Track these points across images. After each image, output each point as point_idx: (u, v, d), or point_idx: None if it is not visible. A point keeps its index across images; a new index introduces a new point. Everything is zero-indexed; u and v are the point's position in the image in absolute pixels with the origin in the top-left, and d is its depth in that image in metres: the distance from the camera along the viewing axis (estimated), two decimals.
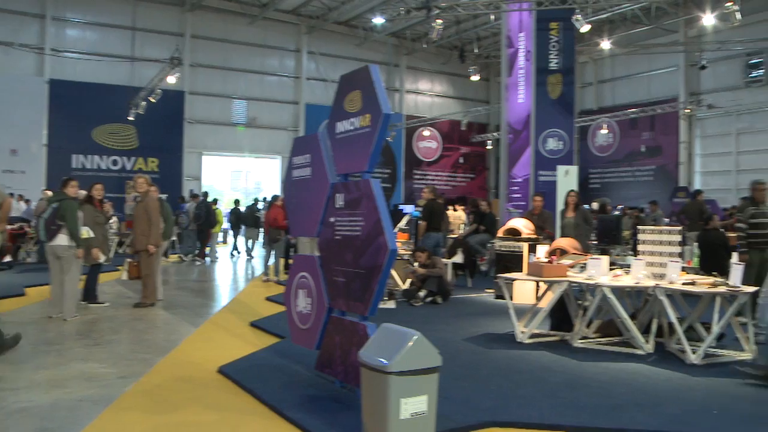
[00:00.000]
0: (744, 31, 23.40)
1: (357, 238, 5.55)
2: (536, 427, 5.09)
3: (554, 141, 18.09)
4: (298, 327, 6.57)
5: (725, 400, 5.80)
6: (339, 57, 30.11)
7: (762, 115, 25.44)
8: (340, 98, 6.08)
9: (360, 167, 5.66)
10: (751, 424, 5.12)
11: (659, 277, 7.76)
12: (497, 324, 9.34)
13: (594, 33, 26.03)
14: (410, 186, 32.34)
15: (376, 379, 4.34)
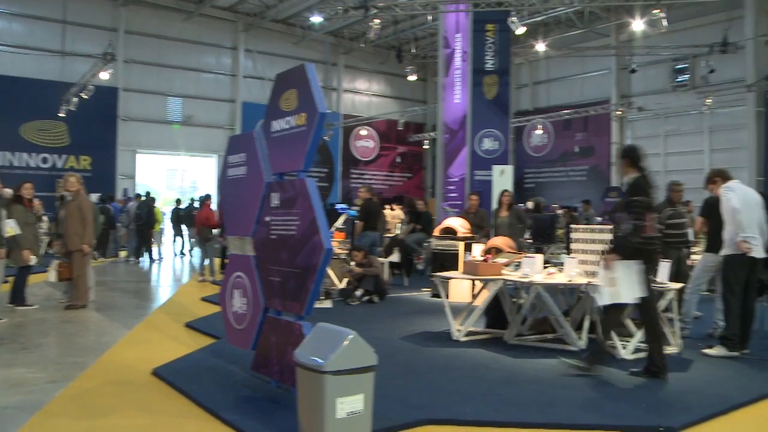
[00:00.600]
0: (671, 38, 24.12)
1: (292, 237, 5.52)
2: (472, 424, 5.15)
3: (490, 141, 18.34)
4: (233, 327, 6.51)
5: (652, 393, 5.97)
6: (276, 55, 29.87)
7: (688, 118, 26.26)
8: (275, 97, 6.04)
9: (295, 166, 5.63)
10: (676, 414, 5.28)
11: (591, 274, 7.93)
12: (433, 322, 9.42)
13: (529, 35, 26.44)
14: (347, 185, 32.32)
15: (312, 379, 4.32)
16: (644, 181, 6.49)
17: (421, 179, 35.78)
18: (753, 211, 7.56)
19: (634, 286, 6.37)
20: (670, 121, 26.96)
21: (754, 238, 7.45)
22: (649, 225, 6.33)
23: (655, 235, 6.53)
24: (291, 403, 4.96)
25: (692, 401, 5.74)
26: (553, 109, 29.72)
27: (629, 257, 6.38)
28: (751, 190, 7.89)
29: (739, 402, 5.76)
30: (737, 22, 23.66)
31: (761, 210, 7.69)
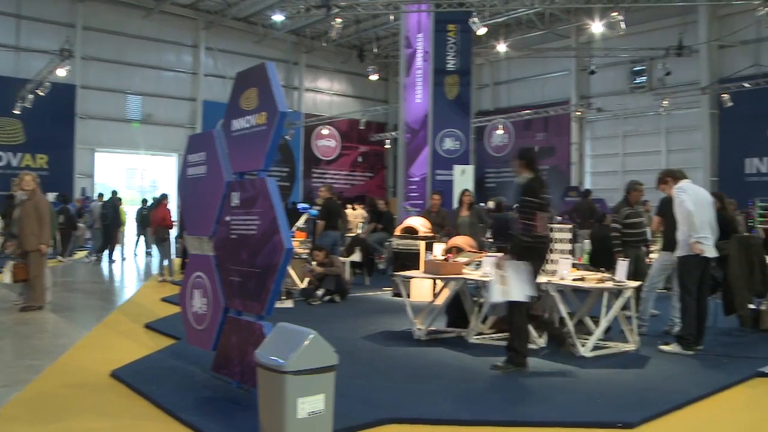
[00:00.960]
0: (628, 40, 24.49)
1: (253, 237, 5.50)
2: (433, 423, 5.18)
3: (451, 141, 18.43)
4: (193, 328, 6.45)
5: (611, 390, 6.07)
6: (238, 54, 29.62)
7: (645, 119, 26.68)
8: (236, 96, 6.01)
9: (256, 165, 5.61)
10: (634, 410, 5.37)
11: (551, 273, 8.02)
12: (395, 321, 9.44)
13: (490, 36, 26.61)
14: (309, 184, 32.20)
15: (273, 379, 4.31)
16: (537, 182, 6.75)
17: (382, 179, 35.81)
18: (705, 211, 7.72)
19: (523, 284, 6.55)
20: (629, 121, 27.37)
21: (706, 238, 7.62)
22: (539, 225, 6.55)
23: (546, 234, 6.74)
24: (252, 404, 4.94)
25: (649, 397, 5.84)
26: (513, 109, 29.95)
27: (523, 257, 6.59)
28: (702, 190, 8.05)
29: (695, 396, 5.88)
30: (692, 27, 24.15)
31: (712, 209, 7.87)
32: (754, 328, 9.13)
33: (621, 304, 7.55)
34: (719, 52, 24.31)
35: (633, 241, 9.49)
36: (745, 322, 9.16)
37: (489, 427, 5.12)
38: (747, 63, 23.07)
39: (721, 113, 23.97)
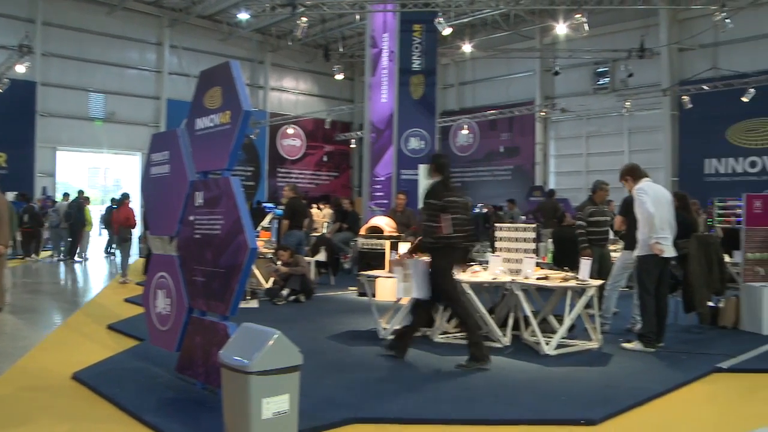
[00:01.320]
0: (592, 42, 24.82)
1: (217, 236, 5.47)
2: (398, 422, 5.19)
3: (416, 140, 18.48)
4: (157, 328, 6.40)
5: (574, 388, 6.14)
6: (202, 52, 29.36)
7: (608, 120, 27.02)
8: (200, 94, 5.97)
9: (220, 165, 5.58)
10: (596, 407, 5.44)
11: (515, 272, 8.09)
12: (360, 321, 9.44)
13: (456, 36, 26.74)
14: (274, 184, 32.04)
15: (237, 380, 4.29)
16: (442, 185, 7.05)
17: (347, 178, 35.78)
18: (664, 211, 7.85)
19: (423, 283, 6.93)
20: (592, 122, 27.70)
21: (665, 238, 7.75)
22: (443, 226, 6.82)
23: (452, 234, 6.90)
24: (216, 405, 4.90)
25: (612, 394, 5.92)
26: (478, 109, 30.11)
27: (431, 256, 6.97)
28: (662, 189, 8.15)
29: (655, 393, 5.99)
30: (653, 30, 24.53)
31: (671, 207, 8.00)
32: (713, 324, 9.33)
33: (584, 303, 7.65)
34: (679, 55, 24.74)
35: (597, 239, 9.61)
36: (704, 319, 9.37)
37: (454, 426, 5.15)
38: (706, 66, 23.53)
39: (681, 115, 24.39)
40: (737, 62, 22.80)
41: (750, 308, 9.19)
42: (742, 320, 9.24)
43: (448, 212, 6.88)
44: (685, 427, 5.38)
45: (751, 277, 9.43)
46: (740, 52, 23.08)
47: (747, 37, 22.53)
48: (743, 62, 22.66)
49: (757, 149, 22.96)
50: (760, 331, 8.91)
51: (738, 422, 5.44)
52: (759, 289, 9.13)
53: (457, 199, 7.04)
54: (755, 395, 6.41)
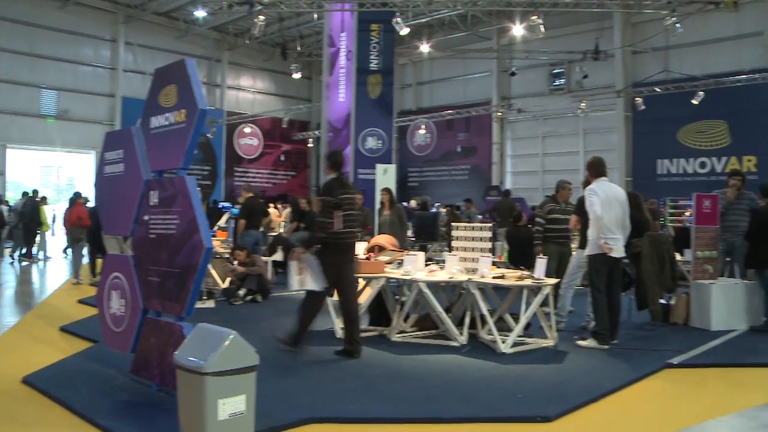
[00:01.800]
0: (548, 43, 25.08)
1: (172, 236, 5.41)
2: (356, 421, 5.20)
3: (373, 140, 18.51)
4: (111, 330, 6.31)
5: (530, 385, 6.22)
6: (158, 49, 28.95)
7: (564, 120, 27.37)
8: (154, 92, 5.91)
9: (175, 164, 5.52)
10: (552, 403, 5.52)
11: (472, 271, 8.16)
12: (317, 321, 9.39)
13: (414, 36, 26.83)
14: (231, 183, 31.80)
15: (192, 381, 4.26)
16: (337, 182, 7.29)
17: (305, 178, 35.65)
18: (615, 211, 7.99)
19: (317, 276, 7.13)
20: (548, 122, 28.02)
21: (614, 238, 7.90)
22: (335, 222, 7.08)
23: (342, 230, 7.16)
24: (172, 407, 4.85)
25: (567, 390, 6.01)
26: (436, 109, 30.25)
27: (322, 251, 7.19)
28: (616, 189, 8.26)
29: (609, 389, 6.11)
30: (608, 32, 24.91)
31: (623, 208, 8.13)
32: (665, 321, 9.53)
33: (540, 301, 7.74)
34: (632, 58, 25.17)
35: (556, 237, 9.73)
36: (656, 317, 9.55)
37: (411, 425, 5.18)
38: (658, 69, 24.01)
39: (634, 116, 24.82)
40: (687, 65, 23.32)
41: (699, 305, 9.41)
42: (692, 317, 9.46)
43: (341, 209, 7.13)
44: (637, 422, 5.49)
45: (700, 275, 9.65)
46: (690, 55, 23.60)
47: (696, 41, 23.06)
48: (693, 66, 23.18)
49: (706, 150, 23.48)
50: (709, 327, 9.13)
51: (687, 416, 5.57)
52: (708, 286, 9.35)
53: (350, 196, 7.30)
54: (704, 389, 6.58)
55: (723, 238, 9.94)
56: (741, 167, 21.55)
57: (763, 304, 9.23)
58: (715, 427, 5.37)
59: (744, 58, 22.41)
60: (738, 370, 7.27)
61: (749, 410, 5.71)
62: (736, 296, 9.39)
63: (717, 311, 9.22)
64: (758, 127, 21.94)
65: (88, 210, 14.31)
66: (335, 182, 7.31)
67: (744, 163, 22.30)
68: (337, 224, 7.08)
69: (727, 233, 9.92)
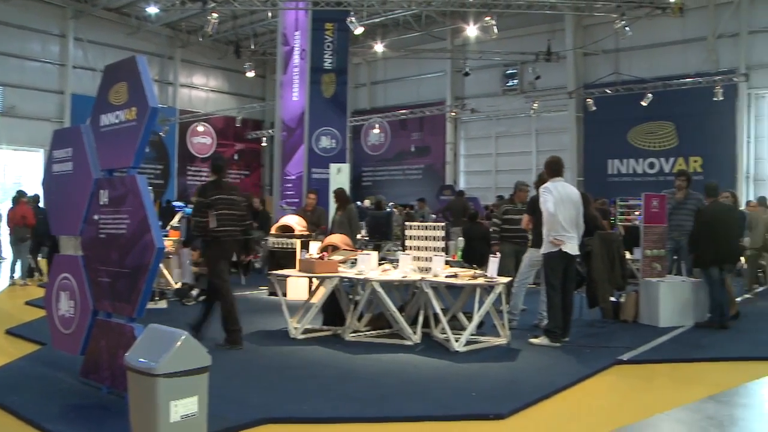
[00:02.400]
0: (501, 44, 25.33)
1: (122, 236, 5.34)
2: (309, 421, 5.20)
3: (327, 139, 18.48)
4: (60, 332, 6.19)
5: (483, 383, 6.28)
6: (109, 46, 28.38)
7: (517, 121, 27.65)
8: (104, 90, 5.82)
9: (125, 162, 5.45)
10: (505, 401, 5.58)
11: (425, 270, 8.20)
12: (271, 321, 9.38)
13: (368, 36, 26.82)
14: (184, 182, 31.39)
15: (144, 383, 4.20)
16: (212, 185, 7.88)
17: (258, 177, 35.38)
18: (568, 209, 8.11)
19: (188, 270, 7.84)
20: (501, 123, 28.27)
21: (566, 236, 8.02)
22: (210, 220, 7.59)
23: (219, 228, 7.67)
24: (123, 410, 4.78)
25: (519, 388, 6.09)
26: (390, 108, 30.29)
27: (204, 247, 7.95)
28: (569, 189, 8.38)
29: (561, 386, 6.20)
30: (559, 34, 25.24)
31: (577, 208, 8.25)
32: (615, 319, 9.71)
33: (492, 300, 7.81)
34: (584, 59, 25.57)
35: (512, 237, 9.82)
36: (607, 314, 9.72)
37: (364, 424, 5.19)
38: (608, 70, 24.42)
39: (585, 117, 25.20)
40: (636, 68, 23.78)
41: (648, 302, 9.61)
42: (641, 314, 9.67)
43: (214, 209, 7.58)
44: (588, 417, 5.58)
45: (649, 273, 9.86)
46: (639, 58, 24.06)
47: (645, 45, 23.52)
48: (642, 68, 23.65)
49: (655, 151, 23.97)
50: (658, 323, 9.34)
51: (636, 410, 5.69)
52: (656, 284, 9.56)
53: (225, 197, 7.70)
54: (652, 384, 6.75)
55: (670, 237, 10.17)
56: (688, 168, 22.02)
57: (708, 300, 9.47)
58: (662, 420, 5.49)
59: (690, 62, 22.98)
60: (684, 365, 7.47)
61: (694, 403, 5.87)
62: (683, 294, 9.62)
63: (665, 308, 9.43)
64: (703, 128, 22.52)
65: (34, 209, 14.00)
66: (210, 185, 7.85)
67: (690, 163, 22.82)
68: (212, 223, 7.57)
69: (674, 232, 10.15)
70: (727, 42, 22.52)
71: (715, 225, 9.39)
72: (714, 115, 22.13)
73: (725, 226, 9.47)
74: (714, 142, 22.41)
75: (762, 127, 22.31)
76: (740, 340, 8.68)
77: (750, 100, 22.17)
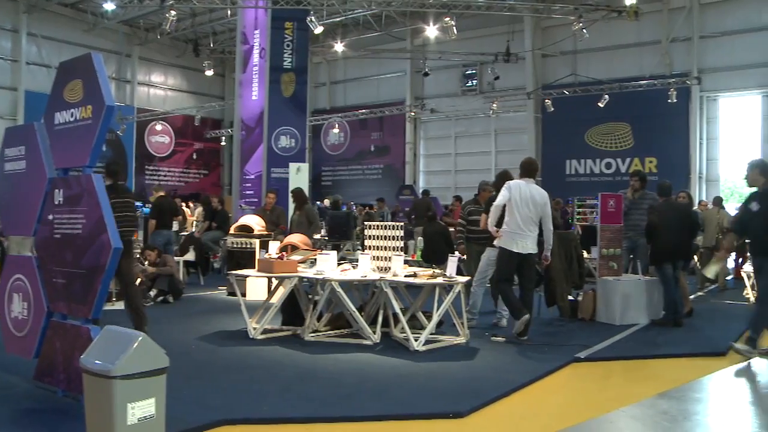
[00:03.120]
0: (460, 45, 25.47)
1: (78, 236, 5.25)
2: (269, 422, 5.17)
3: (287, 139, 18.40)
4: (13, 334, 6.06)
5: (442, 382, 6.31)
6: (65, 42, 27.84)
7: (476, 121, 27.86)
8: (59, 87, 5.71)
9: (81, 161, 5.36)
10: (464, 399, 5.61)
11: (384, 270, 8.21)
12: (230, 321, 9.32)
13: (328, 35, 26.79)
14: (142, 181, 30.99)
15: (100, 385, 4.14)
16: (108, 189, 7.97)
17: (218, 176, 35.08)
18: (527, 208, 8.21)
19: None
20: (460, 123, 28.44)
21: (521, 234, 8.14)
22: None
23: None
24: (79, 413, 4.68)
25: (478, 386, 6.13)
26: (349, 108, 30.30)
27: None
28: (535, 189, 8.46)
29: (519, 384, 6.26)
30: (518, 35, 25.48)
31: (539, 208, 8.34)
32: (573, 317, 9.84)
33: (452, 299, 7.86)
34: (542, 61, 25.88)
35: (477, 237, 9.89)
36: (565, 312, 9.86)
37: (324, 424, 5.18)
38: (566, 72, 24.75)
39: (544, 117, 25.52)
40: (594, 70, 24.13)
41: (605, 301, 9.76)
42: (599, 312, 9.81)
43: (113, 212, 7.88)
44: (546, 414, 5.65)
45: (605, 272, 10.01)
46: (596, 60, 24.45)
47: (602, 47, 23.95)
48: (599, 70, 24.00)
49: (611, 151, 24.37)
50: (614, 321, 9.49)
51: (593, 407, 5.77)
52: (613, 282, 9.72)
53: (120, 200, 7.92)
54: (608, 381, 6.88)
55: (626, 237, 10.33)
56: (643, 168, 22.44)
57: (663, 298, 9.66)
58: (617, 416, 5.58)
59: (645, 65, 23.47)
60: (639, 362, 7.62)
61: (649, 399, 5.98)
62: (639, 292, 9.79)
63: (621, 307, 9.59)
64: (658, 130, 23.00)
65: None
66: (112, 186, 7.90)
67: (646, 164, 23.24)
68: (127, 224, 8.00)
69: (630, 232, 10.31)
70: (680, 46, 23.06)
71: (669, 222, 9.58)
72: (668, 116, 22.62)
73: (678, 223, 9.67)
74: (668, 143, 22.90)
75: (714, 129, 22.87)
76: (693, 337, 8.88)
77: (702, 103, 22.71)
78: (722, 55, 22.23)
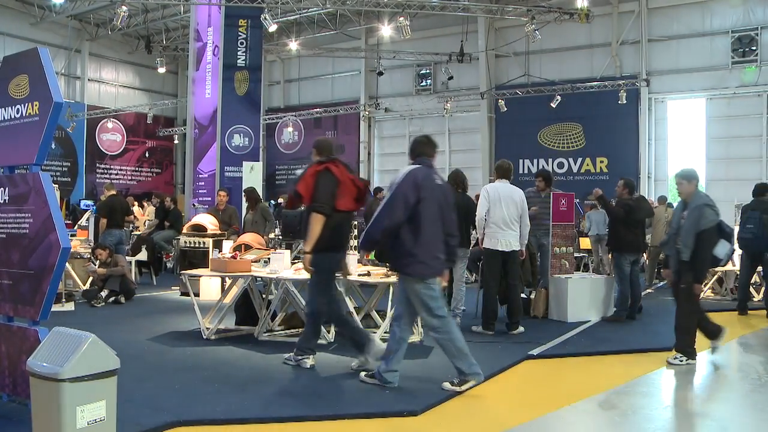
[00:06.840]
0: (415, 45, 25.63)
1: (25, 236, 5.12)
2: (222, 423, 5.13)
3: (240, 137, 18.28)
4: None
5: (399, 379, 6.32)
6: (10, 36, 27.09)
7: (430, 120, 27.97)
8: (3, 82, 5.55)
9: (27, 159, 5.22)
10: (419, 398, 5.64)
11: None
12: (183, 321, 9.21)
13: (282, 33, 26.66)
14: (93, 180, 30.41)
15: (47, 388, 4.05)
16: None
17: (170, 175, 34.62)
18: (505, 207, 8.60)
19: None
20: (414, 122, 28.54)
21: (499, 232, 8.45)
22: None
23: None
24: (26, 417, 4.58)
25: (433, 385, 6.14)
26: (304, 107, 30.21)
27: None
28: (511, 189, 8.81)
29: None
30: (472, 36, 25.67)
31: (517, 207, 8.69)
32: (526, 315, 9.94)
33: None
34: (496, 61, 26.12)
35: None
36: None
37: (278, 424, 5.16)
38: (519, 72, 25.07)
39: (497, 117, 25.77)
40: (546, 70, 24.47)
41: (557, 299, 9.92)
42: (551, 310, 9.96)
43: None
44: (499, 411, 5.72)
45: (557, 270, 10.15)
46: (548, 61, 24.80)
47: (554, 48, 24.32)
48: (551, 71, 24.37)
49: (563, 151, 24.72)
50: (566, 319, 9.67)
51: (546, 403, 5.87)
52: (564, 280, 9.87)
53: None
54: (560, 378, 6.99)
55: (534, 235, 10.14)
56: (595, 168, 22.92)
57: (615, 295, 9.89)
58: (569, 412, 5.68)
59: (596, 66, 23.91)
60: (590, 358, 7.75)
61: (599, 395, 6.13)
62: (590, 290, 9.99)
63: (573, 304, 9.76)
64: (609, 130, 23.45)
65: None
66: None
67: (597, 163, 23.68)
68: None
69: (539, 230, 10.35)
70: (630, 49, 23.56)
71: (636, 217, 10.05)
72: (619, 117, 23.06)
73: (640, 218, 10.28)
74: (619, 144, 23.37)
75: (661, 130, 23.39)
76: (642, 333, 9.15)
77: (651, 104, 23.21)
78: (669, 58, 22.79)
